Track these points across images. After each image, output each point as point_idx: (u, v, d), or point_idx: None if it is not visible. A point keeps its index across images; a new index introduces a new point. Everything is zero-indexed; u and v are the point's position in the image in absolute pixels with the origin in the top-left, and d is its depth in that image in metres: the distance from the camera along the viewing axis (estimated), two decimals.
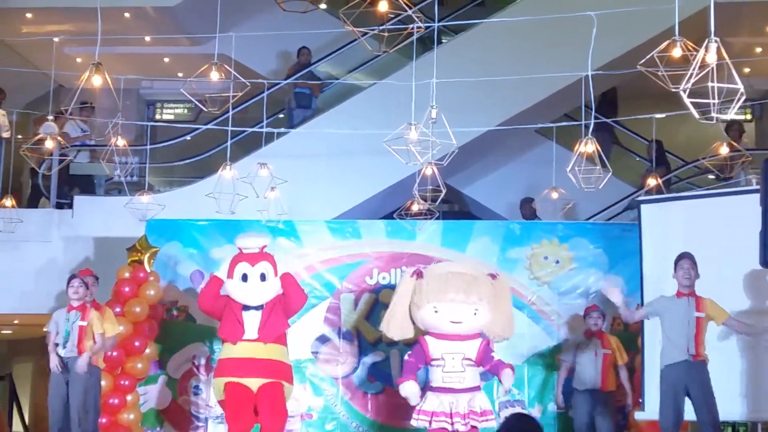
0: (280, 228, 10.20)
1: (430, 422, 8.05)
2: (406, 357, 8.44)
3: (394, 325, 8.61)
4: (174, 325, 10.11)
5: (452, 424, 8.00)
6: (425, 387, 8.39)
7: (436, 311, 8.29)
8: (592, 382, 9.15)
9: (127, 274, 9.94)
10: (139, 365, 9.69)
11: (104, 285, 9.89)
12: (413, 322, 8.57)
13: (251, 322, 8.25)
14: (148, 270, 10.02)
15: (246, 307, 8.26)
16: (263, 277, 8.27)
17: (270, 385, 8.16)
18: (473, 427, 8.04)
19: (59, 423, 8.68)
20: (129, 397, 9.62)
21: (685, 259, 8.04)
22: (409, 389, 8.21)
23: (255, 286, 8.25)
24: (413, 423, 8.27)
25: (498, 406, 9.65)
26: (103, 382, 9.26)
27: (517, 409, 9.60)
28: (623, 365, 9.29)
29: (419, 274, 8.52)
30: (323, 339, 10.06)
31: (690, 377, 7.79)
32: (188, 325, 10.09)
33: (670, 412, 7.81)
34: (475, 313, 8.30)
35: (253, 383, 8.18)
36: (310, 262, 10.19)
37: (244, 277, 8.24)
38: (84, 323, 8.69)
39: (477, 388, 8.26)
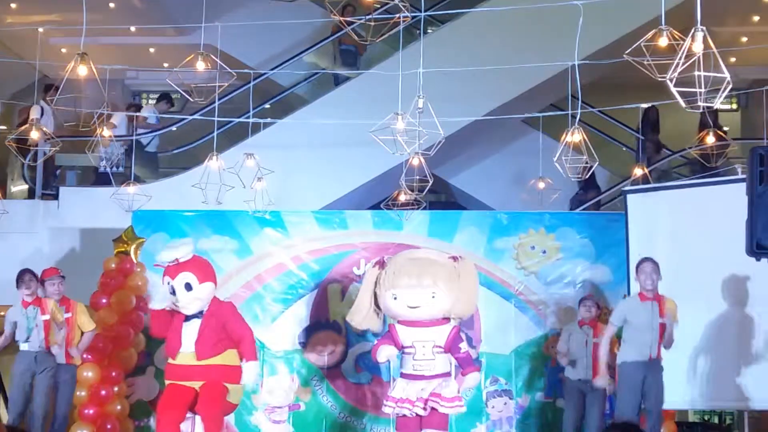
0: (266, 219, 10.19)
1: (395, 407, 8.07)
2: (375, 341, 8.43)
3: (359, 316, 8.61)
4: None
5: (412, 409, 7.98)
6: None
7: (395, 298, 8.26)
8: (584, 372, 9.16)
9: (113, 265, 9.91)
10: (127, 356, 9.67)
11: (90, 276, 9.87)
12: (379, 312, 8.55)
13: (190, 333, 8.12)
14: (135, 261, 9.99)
15: (187, 318, 8.17)
16: (188, 287, 8.12)
17: (210, 384, 8.06)
18: (433, 409, 7.99)
19: (20, 410, 8.70)
20: (116, 389, 9.60)
21: (647, 262, 8.17)
22: (383, 352, 8.19)
23: (182, 297, 8.11)
24: (384, 410, 8.28)
25: (485, 396, 9.68)
26: (90, 374, 9.25)
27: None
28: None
29: (382, 264, 8.52)
30: (310, 329, 10.06)
31: (648, 372, 8.04)
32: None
33: (628, 407, 8.01)
34: (432, 297, 8.21)
35: (195, 384, 8.11)
36: (297, 252, 10.18)
37: (172, 290, 8.15)
38: (47, 317, 8.68)
39: (447, 374, 8.23)
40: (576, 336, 9.28)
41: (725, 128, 12.32)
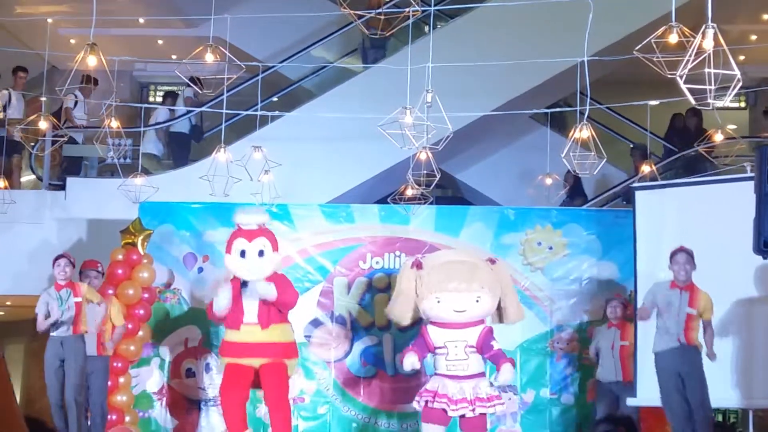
0: (273, 212, 10.17)
1: (433, 400, 8.05)
2: (409, 346, 8.43)
3: (395, 312, 8.61)
4: (167, 307, 10.10)
5: (457, 409, 8.00)
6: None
7: (438, 301, 8.27)
8: (613, 374, 9.16)
9: (120, 257, 9.91)
10: (132, 347, 9.68)
11: None
12: (414, 311, 8.54)
13: (251, 304, 8.25)
14: (142, 252, 10.01)
15: (243, 285, 8.25)
16: (261, 254, 8.25)
17: (271, 365, 8.21)
18: (482, 414, 8.04)
19: (58, 400, 8.64)
20: (121, 380, 9.61)
21: (681, 253, 8.04)
22: (408, 361, 8.21)
23: (253, 262, 8.23)
24: (415, 405, 8.27)
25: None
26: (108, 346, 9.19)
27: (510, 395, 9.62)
28: None
29: (419, 266, 8.51)
30: (316, 323, 10.06)
31: (682, 362, 7.85)
32: (181, 308, 10.09)
33: (674, 397, 7.85)
34: (477, 301, 8.29)
35: (255, 362, 8.24)
36: (303, 246, 10.18)
37: (242, 253, 8.24)
38: (79, 299, 8.63)
39: (482, 375, 8.25)
40: (604, 337, 9.25)
41: (733, 126, 12.28)
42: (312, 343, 10.00)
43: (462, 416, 8.03)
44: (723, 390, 8.39)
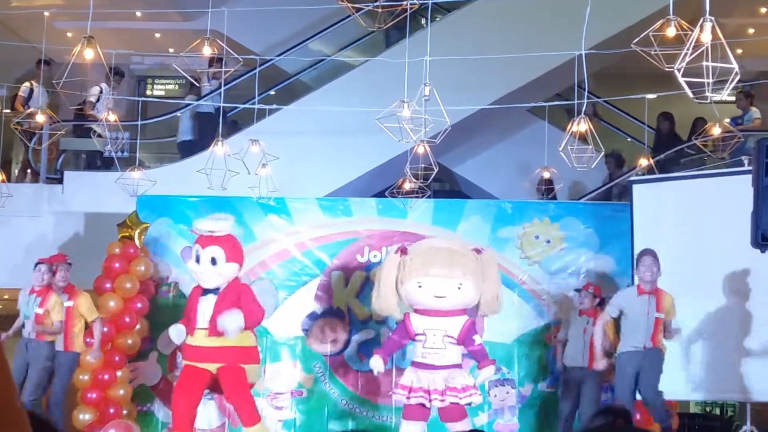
0: (271, 205, 10.18)
1: (408, 397, 8.08)
2: (390, 334, 8.47)
3: (386, 304, 8.61)
4: (164, 301, 10.10)
5: (430, 400, 8.02)
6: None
7: (419, 286, 8.28)
8: (579, 359, 9.17)
9: (117, 250, 9.91)
10: (130, 341, 9.68)
11: (94, 261, 9.87)
12: (399, 299, 8.57)
13: (206, 309, 8.23)
14: (139, 246, 10.00)
15: (204, 292, 8.27)
16: (213, 261, 8.22)
17: (227, 368, 8.22)
18: (453, 403, 8.05)
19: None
20: (119, 373, 9.61)
21: (647, 255, 8.19)
22: (373, 362, 8.32)
23: (204, 269, 8.23)
24: (393, 397, 8.31)
25: (487, 385, 9.67)
26: (92, 359, 9.26)
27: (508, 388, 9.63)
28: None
29: (403, 251, 8.52)
30: (313, 316, 10.07)
31: (642, 363, 8.15)
32: (179, 301, 10.08)
33: (623, 395, 8.13)
34: (459, 288, 8.28)
35: (211, 366, 8.26)
36: (301, 239, 10.18)
37: (197, 259, 8.26)
38: (40, 311, 8.74)
39: (457, 366, 8.25)
40: (574, 324, 9.29)
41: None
42: (309, 337, 10.00)
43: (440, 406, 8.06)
44: (720, 383, 8.41)
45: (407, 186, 9.57)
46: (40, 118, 9.47)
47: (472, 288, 8.36)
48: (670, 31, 5.76)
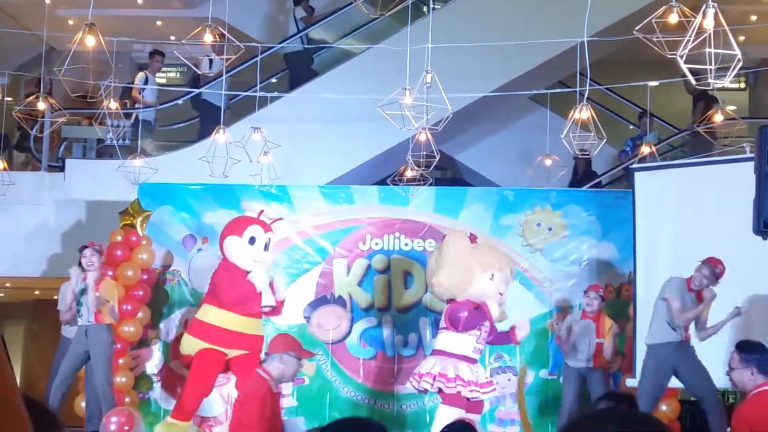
0: (273, 193, 10.18)
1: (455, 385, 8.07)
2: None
3: (451, 278, 8.26)
4: (166, 289, 10.10)
5: (433, 383, 8.11)
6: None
7: (492, 279, 8.18)
8: (584, 362, 9.17)
9: (119, 238, 9.91)
10: (132, 329, 9.69)
11: None
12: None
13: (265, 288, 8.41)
14: (141, 234, 10.00)
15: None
16: (266, 247, 8.36)
17: (250, 356, 8.29)
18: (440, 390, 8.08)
19: (65, 387, 8.78)
20: (121, 361, 9.63)
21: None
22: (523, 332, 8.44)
23: (266, 255, 8.37)
24: (412, 385, 8.41)
25: (489, 372, 9.68)
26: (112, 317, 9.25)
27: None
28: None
29: (473, 239, 8.45)
30: (315, 304, 10.07)
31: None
32: (180, 289, 10.09)
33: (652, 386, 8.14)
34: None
35: (233, 353, 8.32)
36: (302, 227, 10.18)
37: (264, 244, 8.36)
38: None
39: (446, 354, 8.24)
40: (578, 326, 9.22)
41: (733, 107, 12.25)
42: (311, 324, 10.00)
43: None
44: (722, 371, 8.40)
45: (409, 174, 9.56)
46: (41, 106, 9.46)
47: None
48: (673, 18, 5.75)
